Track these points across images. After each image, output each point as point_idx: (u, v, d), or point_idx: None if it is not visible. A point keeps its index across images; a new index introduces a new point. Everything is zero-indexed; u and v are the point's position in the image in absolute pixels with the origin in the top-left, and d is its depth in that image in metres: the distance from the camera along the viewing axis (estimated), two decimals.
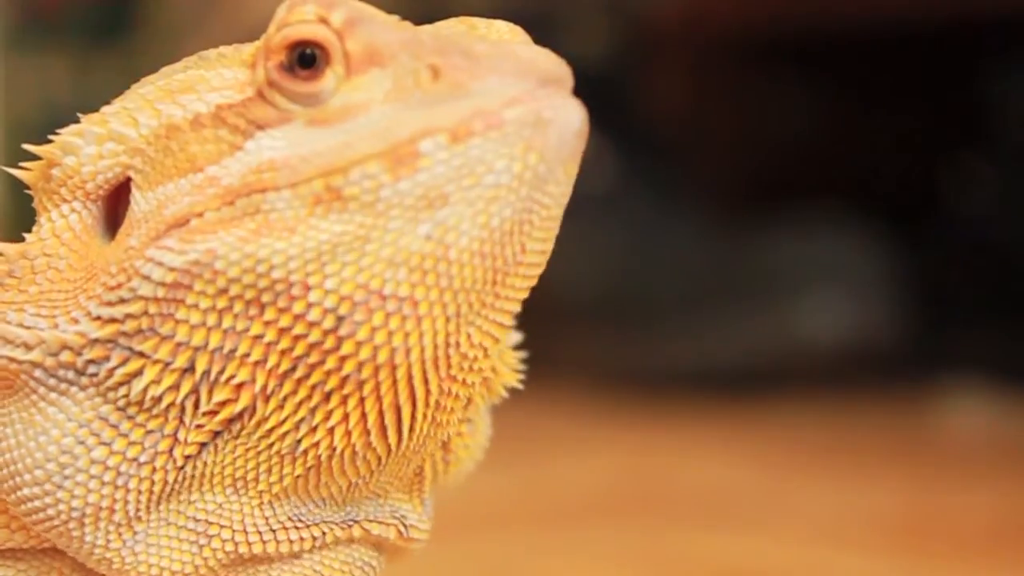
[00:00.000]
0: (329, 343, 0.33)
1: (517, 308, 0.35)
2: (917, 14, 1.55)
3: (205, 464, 0.35)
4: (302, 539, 0.36)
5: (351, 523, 0.37)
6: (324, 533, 0.36)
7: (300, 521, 0.36)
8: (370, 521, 0.37)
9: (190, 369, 0.33)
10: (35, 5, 2.11)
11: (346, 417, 0.34)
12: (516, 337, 0.38)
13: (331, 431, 0.34)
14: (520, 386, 0.38)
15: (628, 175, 1.54)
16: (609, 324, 1.48)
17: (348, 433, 0.34)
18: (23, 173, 0.37)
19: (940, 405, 1.41)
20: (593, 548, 0.89)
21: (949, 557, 0.86)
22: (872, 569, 0.83)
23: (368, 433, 0.34)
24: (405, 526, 0.38)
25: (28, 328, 0.34)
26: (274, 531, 0.35)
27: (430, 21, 0.37)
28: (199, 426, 0.34)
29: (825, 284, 1.48)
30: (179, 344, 0.33)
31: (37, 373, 0.34)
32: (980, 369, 1.46)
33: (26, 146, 0.36)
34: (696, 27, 1.68)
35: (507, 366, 0.38)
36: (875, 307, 1.48)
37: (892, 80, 1.74)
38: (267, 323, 0.33)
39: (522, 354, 0.39)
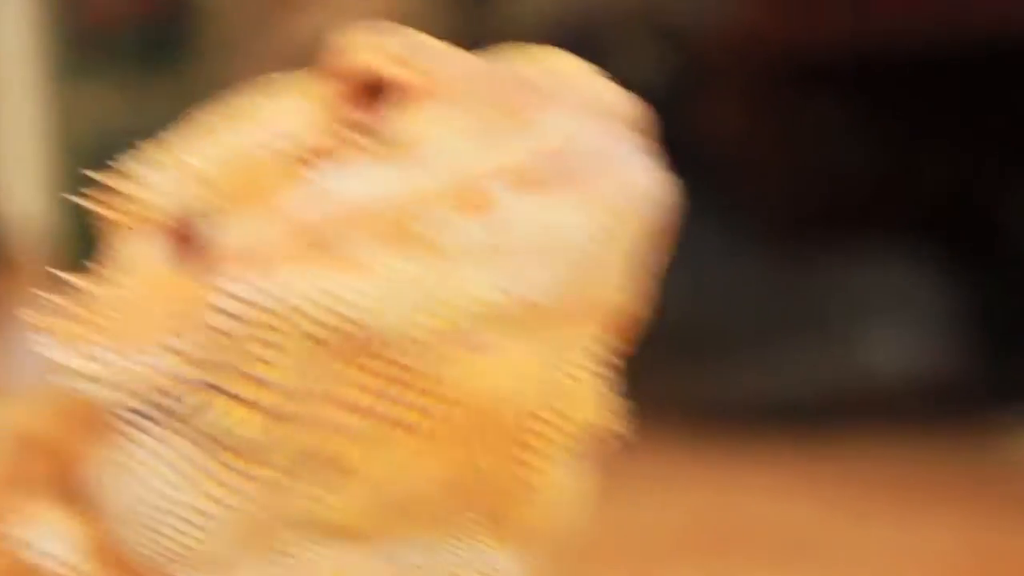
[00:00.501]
0: (408, 379, 0.32)
1: (601, 352, 0.34)
2: (985, 35, 1.55)
3: (300, 510, 0.34)
4: None
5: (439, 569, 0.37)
6: None
7: (394, 562, 0.35)
8: (464, 569, 0.37)
9: (277, 409, 0.33)
10: (88, 25, 2.14)
11: (437, 459, 0.33)
12: (620, 386, 0.37)
13: (419, 473, 0.34)
14: (624, 434, 0.37)
15: (685, 203, 1.51)
16: (676, 356, 1.46)
17: (437, 475, 0.34)
18: (91, 204, 0.36)
19: (1004, 440, 1.39)
20: None
21: None
22: None
23: (457, 475, 0.34)
24: (493, 571, 0.37)
25: (102, 364, 0.34)
26: (365, 573, 0.35)
27: (478, 42, 0.36)
28: (290, 470, 0.34)
29: (888, 315, 1.46)
30: (259, 382, 0.33)
31: (121, 412, 0.34)
32: None
33: (94, 175, 0.36)
34: (751, 50, 1.67)
35: (599, 410, 0.36)
36: (938, 338, 1.45)
37: (954, 106, 1.71)
38: (346, 361, 0.33)
39: (627, 402, 0.38)
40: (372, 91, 0.33)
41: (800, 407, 1.43)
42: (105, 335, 0.34)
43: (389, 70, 0.33)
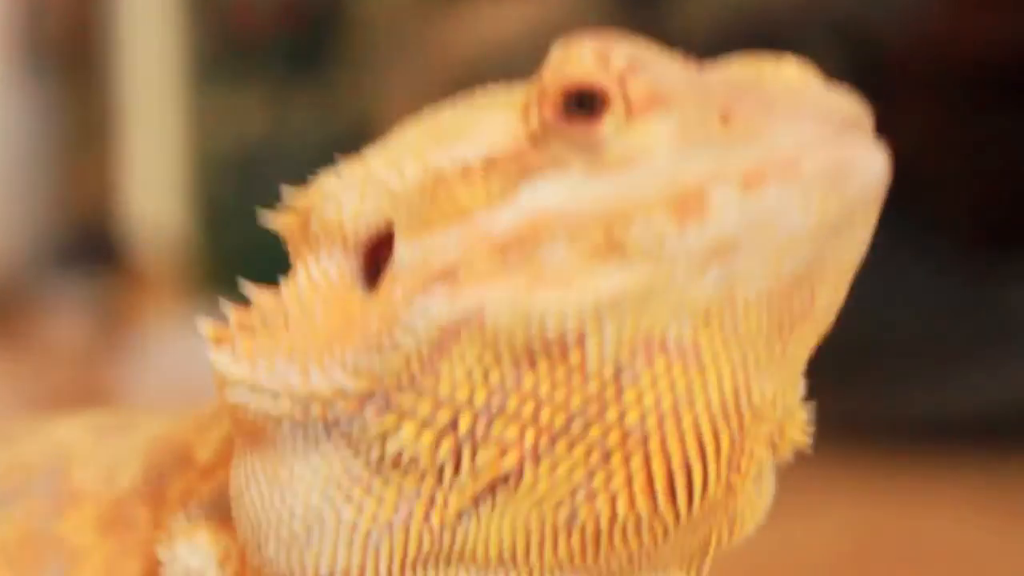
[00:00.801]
0: (608, 393, 0.32)
1: (806, 358, 0.34)
2: None
3: (467, 533, 0.34)
4: None
5: None
6: None
7: None
8: None
9: (452, 427, 0.33)
10: (229, 33, 2.18)
11: (629, 479, 0.33)
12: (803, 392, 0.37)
13: (613, 496, 0.33)
14: (808, 445, 0.37)
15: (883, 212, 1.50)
16: (855, 372, 1.40)
17: (632, 498, 0.33)
18: (279, 222, 0.37)
19: None
20: None
21: None
22: None
23: (654, 497, 0.33)
24: None
25: (278, 378, 0.34)
26: None
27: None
28: (460, 490, 0.33)
29: None
30: (441, 400, 0.33)
31: (284, 426, 0.34)
32: None
33: (283, 188, 0.37)
34: (939, 54, 1.62)
35: (796, 422, 0.36)
36: None
37: None
38: (539, 377, 0.32)
39: (810, 411, 0.37)
40: (589, 104, 0.33)
41: (971, 424, 1.40)
42: (282, 350, 0.35)
43: (609, 84, 0.33)
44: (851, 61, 1.63)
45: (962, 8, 1.59)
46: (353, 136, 0.38)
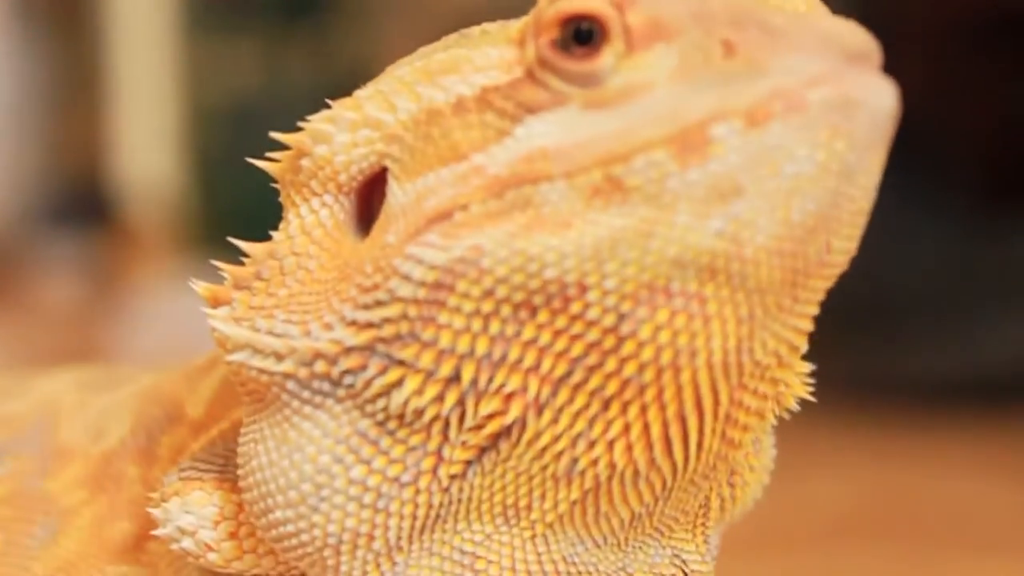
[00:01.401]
0: (608, 343, 0.32)
1: (815, 312, 0.33)
2: None
3: (472, 488, 0.34)
4: None
5: (628, 571, 0.36)
6: None
7: (574, 564, 0.35)
8: (645, 573, 0.36)
9: (455, 378, 0.33)
10: None
11: (627, 428, 0.32)
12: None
13: (611, 445, 0.33)
14: (812, 398, 0.37)
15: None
16: (858, 329, 1.40)
17: (629, 448, 0.33)
18: (270, 165, 0.36)
19: None
20: (849, 573, 0.88)
21: None
22: None
23: (651, 448, 0.33)
24: (686, 573, 0.37)
25: (279, 336, 0.34)
26: (545, 572, 0.34)
27: None
28: (465, 442, 0.33)
29: None
30: (442, 351, 0.33)
31: (289, 385, 0.34)
32: None
33: (275, 135, 0.36)
34: (939, 4, 1.64)
35: (797, 376, 0.36)
36: None
37: None
38: (540, 326, 0.32)
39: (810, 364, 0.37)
40: (587, 35, 0.32)
41: (983, 382, 1.41)
42: (281, 306, 0.34)
43: (607, 12, 0.32)
44: (853, 13, 1.67)
45: None
46: (349, 86, 0.36)
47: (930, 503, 1.09)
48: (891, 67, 1.15)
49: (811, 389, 0.37)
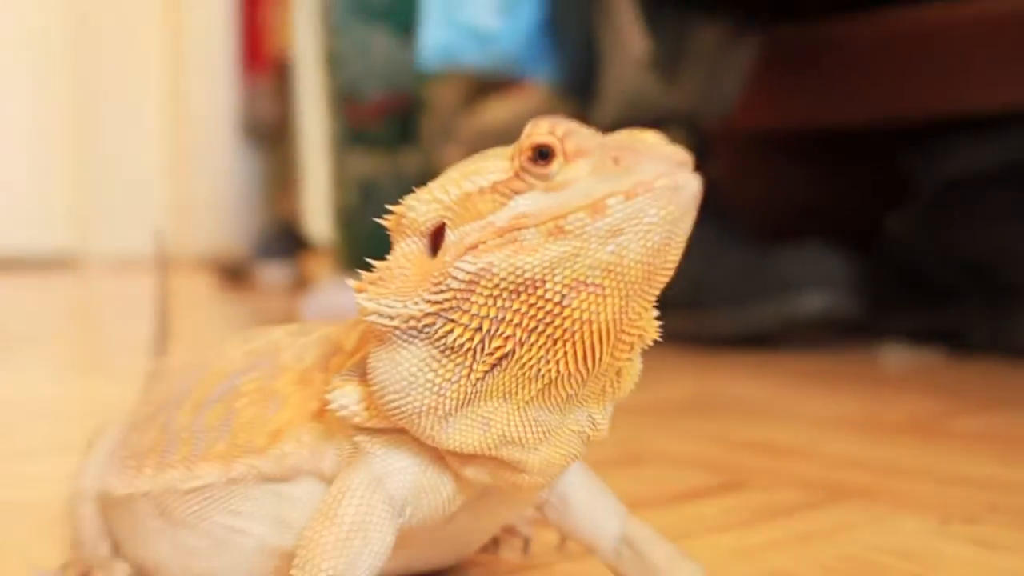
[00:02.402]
0: (556, 311, 0.33)
1: (658, 294, 0.34)
2: (879, 116, 1.61)
3: (487, 384, 0.35)
4: (540, 430, 0.36)
5: (566, 424, 0.37)
6: (551, 429, 0.36)
7: (538, 422, 0.36)
8: (576, 423, 0.37)
9: (479, 329, 0.34)
10: (350, 120, 2.15)
11: (565, 353, 0.34)
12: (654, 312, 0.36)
13: (557, 362, 0.34)
14: (660, 339, 0.37)
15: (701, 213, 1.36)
16: (689, 307, 1.46)
17: (567, 362, 0.34)
18: (386, 222, 0.37)
19: (877, 352, 1.43)
20: (687, 431, 0.89)
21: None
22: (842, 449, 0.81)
23: (577, 361, 0.34)
24: (594, 424, 0.37)
25: (391, 307, 0.34)
26: (525, 425, 0.35)
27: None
28: (484, 362, 0.34)
29: (816, 285, 1.42)
30: (473, 315, 0.34)
31: (396, 333, 0.35)
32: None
33: (390, 208, 0.37)
34: (739, 127, 1.73)
35: (652, 327, 0.36)
36: (843, 297, 1.42)
37: (860, 158, 1.79)
38: (521, 301, 0.33)
39: (657, 317, 0.37)
40: (545, 154, 0.33)
41: (768, 336, 1.46)
42: (389, 291, 0.35)
43: (555, 143, 0.33)
44: (696, 134, 1.58)
45: (752, 101, 1.66)
46: (427, 178, 0.37)
47: (733, 397, 1.12)
48: (717, 164, 1.47)
49: (660, 334, 0.37)
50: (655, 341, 0.37)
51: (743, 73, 1.65)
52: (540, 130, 0.34)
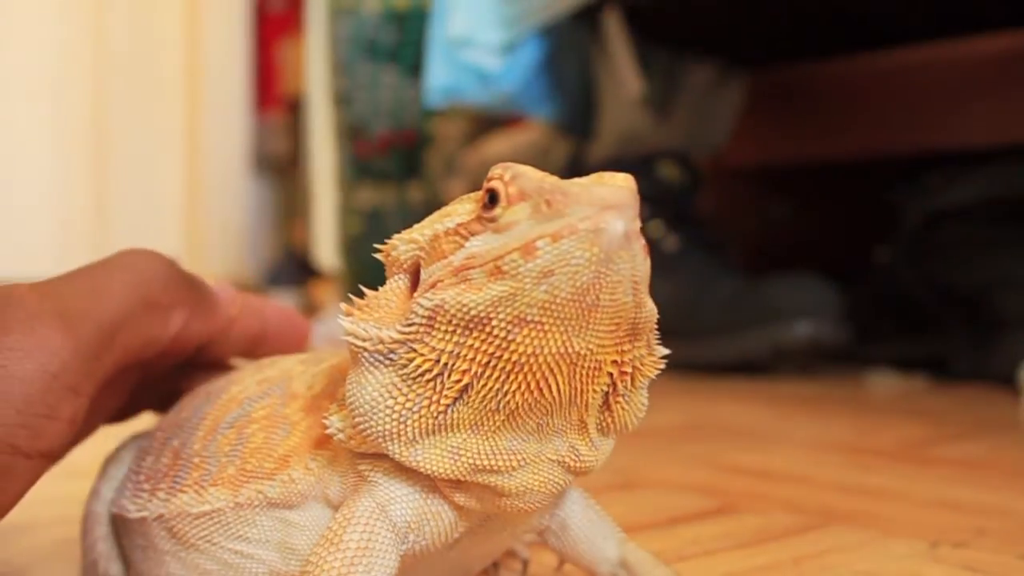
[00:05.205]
0: (504, 344, 0.33)
1: (615, 329, 0.33)
2: (864, 152, 1.64)
3: (452, 417, 0.35)
4: (515, 459, 0.35)
5: (544, 453, 0.36)
6: (527, 457, 0.36)
7: (513, 452, 0.35)
8: (555, 452, 0.36)
9: (438, 361, 0.34)
10: (358, 154, 2.17)
11: (519, 384, 0.34)
12: (663, 350, 0.36)
13: (513, 393, 0.34)
14: (656, 376, 0.36)
15: (688, 244, 1.55)
16: (675, 334, 1.27)
17: (522, 393, 0.34)
18: (380, 256, 0.37)
19: (863, 379, 1.44)
20: (681, 453, 0.89)
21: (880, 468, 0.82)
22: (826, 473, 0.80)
23: (532, 393, 0.34)
24: (577, 454, 0.36)
25: (366, 331, 0.35)
26: (496, 454, 0.35)
27: (580, 162, 0.35)
28: (446, 393, 0.34)
29: (805, 313, 1.42)
30: (432, 348, 0.34)
31: (367, 355, 0.35)
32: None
33: (377, 246, 0.37)
34: (725, 164, 1.77)
35: (651, 362, 0.36)
36: (831, 326, 1.41)
37: (847, 193, 1.81)
38: (473, 336, 0.33)
39: (665, 352, 0.36)
40: (494, 198, 0.34)
41: (759, 363, 1.46)
42: (372, 318, 0.35)
43: (501, 188, 0.34)
44: (688, 168, 1.59)
45: (742, 138, 1.71)
46: (429, 210, 0.37)
47: (725, 422, 1.10)
48: (707, 196, 1.60)
49: (661, 368, 0.36)
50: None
51: (733, 111, 1.67)
52: (493, 174, 0.35)
